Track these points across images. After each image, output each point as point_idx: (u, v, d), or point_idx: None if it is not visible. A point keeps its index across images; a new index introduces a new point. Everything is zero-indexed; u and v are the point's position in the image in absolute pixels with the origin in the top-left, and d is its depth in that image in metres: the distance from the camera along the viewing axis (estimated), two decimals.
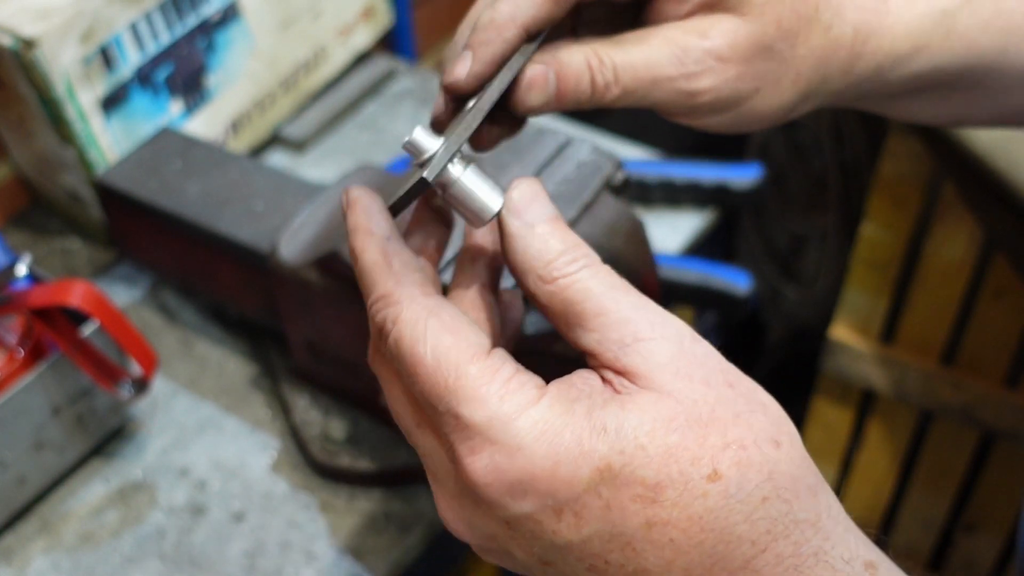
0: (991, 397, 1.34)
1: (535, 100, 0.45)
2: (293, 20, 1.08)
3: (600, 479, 0.35)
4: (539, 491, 0.36)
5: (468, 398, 0.37)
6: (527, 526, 0.37)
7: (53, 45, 0.87)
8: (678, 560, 0.35)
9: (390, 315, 0.40)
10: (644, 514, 0.35)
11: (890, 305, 1.39)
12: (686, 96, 0.46)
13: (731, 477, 0.35)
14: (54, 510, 0.81)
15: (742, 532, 0.35)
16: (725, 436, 0.36)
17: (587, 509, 0.35)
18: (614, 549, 0.36)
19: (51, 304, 0.74)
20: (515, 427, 0.36)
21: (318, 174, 1.07)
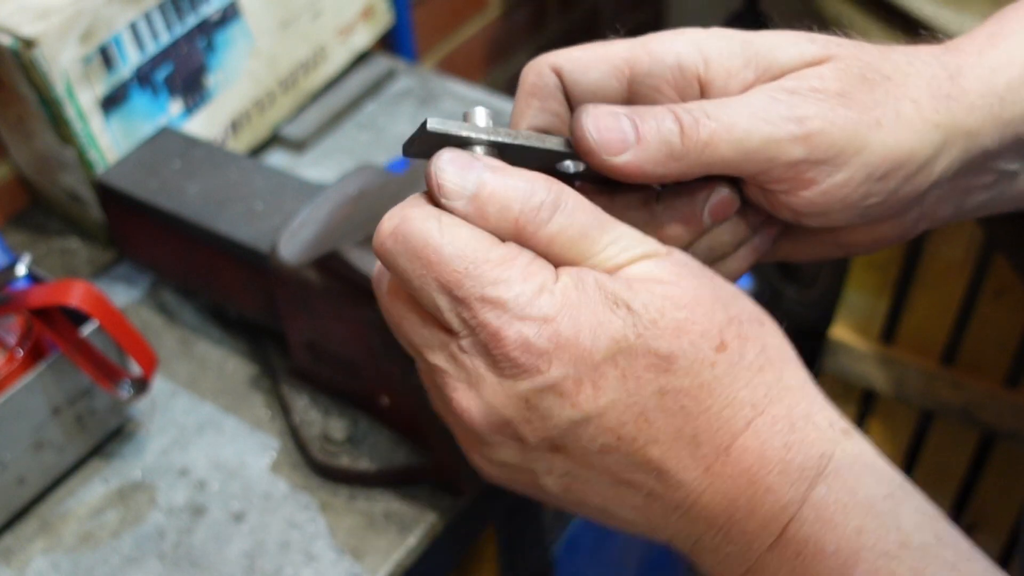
0: (991, 397, 1.34)
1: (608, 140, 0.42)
2: (293, 20, 1.08)
3: (617, 349, 0.38)
4: (563, 359, 0.38)
5: (493, 280, 0.38)
6: (547, 400, 0.38)
7: (53, 45, 0.87)
8: (687, 426, 0.38)
9: (395, 219, 0.40)
10: (657, 382, 0.38)
11: (890, 305, 1.39)
12: (795, 123, 0.42)
13: (734, 347, 0.39)
14: (53, 510, 0.80)
15: (744, 397, 0.38)
16: (727, 313, 0.39)
17: (605, 378, 0.38)
18: (628, 420, 0.38)
19: (51, 304, 0.74)
20: (540, 301, 0.38)
21: (318, 174, 1.07)
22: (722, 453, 0.38)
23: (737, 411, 0.38)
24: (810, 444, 0.39)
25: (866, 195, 0.44)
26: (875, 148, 0.43)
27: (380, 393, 0.79)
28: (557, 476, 0.40)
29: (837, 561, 0.37)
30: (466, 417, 0.40)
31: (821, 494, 0.38)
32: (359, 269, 0.71)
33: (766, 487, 0.38)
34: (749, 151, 0.42)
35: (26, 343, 0.77)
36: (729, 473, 0.38)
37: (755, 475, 0.38)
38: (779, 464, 0.38)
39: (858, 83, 0.43)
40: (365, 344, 0.76)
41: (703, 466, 0.38)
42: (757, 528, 0.38)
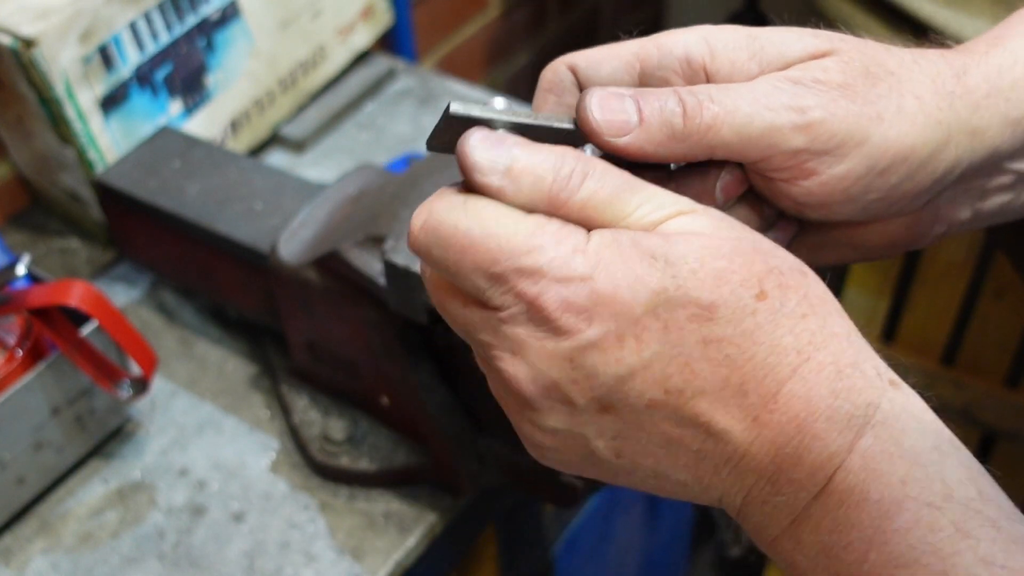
0: (991, 397, 1.34)
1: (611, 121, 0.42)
2: (292, 19, 1.08)
3: (657, 301, 0.38)
4: (603, 315, 0.38)
5: (525, 250, 0.39)
6: (591, 357, 0.39)
7: (52, 45, 0.87)
8: (733, 376, 0.38)
9: (423, 214, 0.41)
10: (700, 332, 0.38)
11: (890, 305, 1.39)
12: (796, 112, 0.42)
13: (775, 296, 0.39)
14: (53, 510, 0.80)
15: (788, 343, 0.38)
16: (767, 263, 0.39)
17: (647, 331, 0.38)
18: (673, 373, 0.38)
19: (50, 304, 0.74)
20: (575, 262, 0.39)
21: (318, 174, 1.07)
22: (769, 401, 0.38)
23: (782, 358, 0.38)
24: (857, 392, 0.39)
25: (867, 189, 0.45)
26: (876, 141, 0.44)
27: (380, 393, 0.79)
28: (608, 439, 0.40)
29: (880, 509, 0.37)
30: (515, 384, 0.40)
31: (868, 443, 0.38)
32: (359, 269, 0.70)
33: (813, 434, 0.38)
34: (751, 137, 0.43)
35: (26, 343, 0.77)
36: (777, 421, 0.38)
37: (802, 422, 0.38)
38: (826, 411, 0.38)
39: (861, 76, 0.44)
40: (365, 344, 0.76)
41: (751, 416, 0.38)
42: (804, 476, 0.38)
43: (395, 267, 0.66)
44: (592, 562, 1.32)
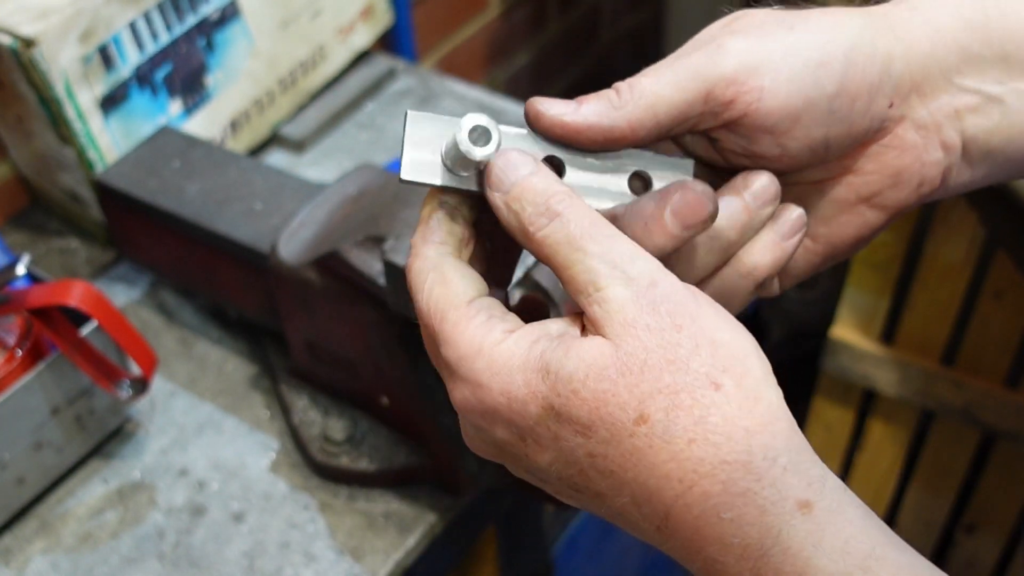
0: (992, 397, 1.33)
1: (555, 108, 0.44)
2: (292, 19, 1.08)
3: (546, 415, 0.40)
4: (503, 420, 0.41)
5: (446, 340, 0.42)
6: (508, 449, 0.42)
7: (52, 44, 0.87)
8: (624, 489, 0.39)
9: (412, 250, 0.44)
10: (585, 447, 0.39)
11: (891, 305, 1.39)
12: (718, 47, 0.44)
13: (658, 420, 0.38)
14: (53, 510, 0.80)
15: (669, 470, 0.38)
16: (658, 383, 0.38)
17: (542, 439, 0.40)
18: (574, 474, 0.40)
19: (50, 304, 0.74)
20: (476, 367, 0.41)
21: (317, 174, 1.07)
22: (662, 519, 0.39)
23: (663, 483, 0.38)
24: (748, 523, 0.37)
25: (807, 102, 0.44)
26: (791, 42, 0.44)
27: (380, 393, 0.79)
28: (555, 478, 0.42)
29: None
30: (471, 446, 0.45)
31: (777, 562, 0.37)
32: (359, 269, 0.70)
33: (711, 558, 0.38)
34: (684, 85, 0.43)
35: (26, 343, 0.77)
36: (678, 538, 0.39)
37: (698, 547, 0.38)
38: (718, 540, 0.37)
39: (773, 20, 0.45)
40: (365, 344, 0.76)
41: (654, 525, 0.39)
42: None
43: (395, 267, 0.66)
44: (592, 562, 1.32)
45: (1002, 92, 0.48)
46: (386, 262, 0.66)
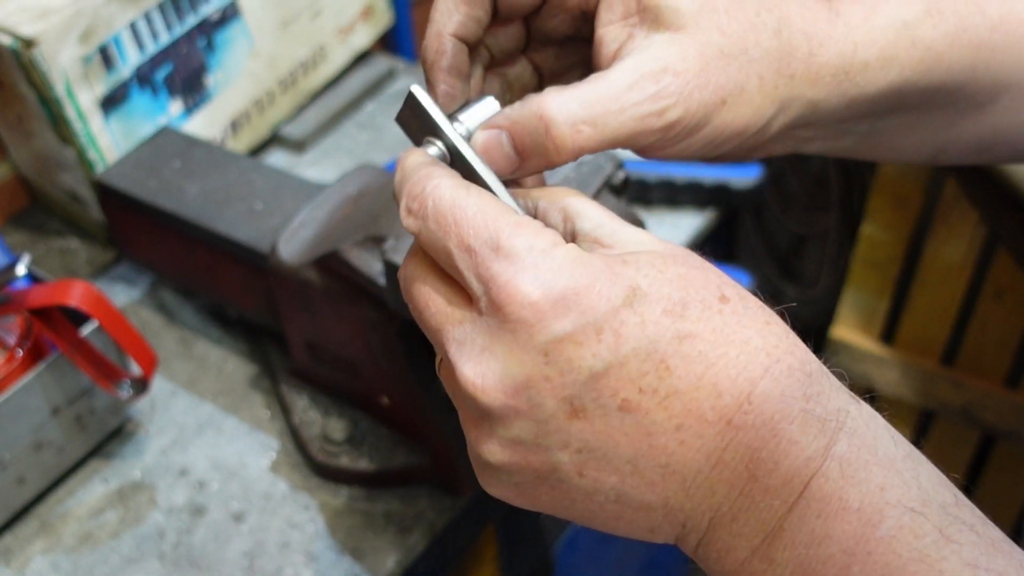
0: (991, 397, 1.34)
1: (499, 167, 0.45)
2: (292, 20, 1.08)
3: (633, 296, 0.38)
4: (581, 306, 0.38)
5: (509, 232, 0.39)
6: (566, 351, 0.38)
7: (52, 45, 0.87)
8: (707, 374, 0.38)
9: (429, 185, 0.42)
10: (675, 328, 0.38)
11: (891, 305, 1.39)
12: (656, 116, 0.45)
13: (736, 300, 0.40)
14: (53, 510, 0.80)
15: (758, 344, 0.39)
16: (719, 276, 0.41)
17: (624, 325, 0.38)
18: (649, 370, 0.38)
19: (50, 304, 0.74)
20: (555, 253, 0.39)
21: (317, 174, 1.07)
22: (743, 401, 0.38)
23: (753, 357, 0.38)
24: (827, 397, 0.38)
25: (702, 154, 0.48)
26: (716, 123, 0.46)
27: (380, 393, 0.79)
28: (573, 451, 0.39)
29: (862, 517, 0.36)
30: (480, 389, 0.39)
31: (843, 449, 0.37)
32: (359, 269, 0.70)
33: (789, 438, 0.37)
34: (617, 142, 0.45)
35: (26, 343, 0.77)
36: (751, 423, 0.37)
37: (776, 425, 0.37)
38: (800, 415, 0.37)
39: (715, 59, 0.46)
40: (365, 344, 0.76)
41: (725, 418, 0.38)
42: (780, 484, 0.37)
43: (395, 267, 0.66)
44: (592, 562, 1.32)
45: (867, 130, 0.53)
46: (386, 262, 0.66)
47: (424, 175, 0.42)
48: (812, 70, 0.48)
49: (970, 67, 0.52)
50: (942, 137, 0.55)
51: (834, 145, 0.54)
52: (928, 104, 0.52)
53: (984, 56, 0.52)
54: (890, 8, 0.50)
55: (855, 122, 0.52)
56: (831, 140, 0.53)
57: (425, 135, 0.46)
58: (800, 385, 0.38)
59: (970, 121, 0.55)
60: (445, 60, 0.47)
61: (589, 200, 0.44)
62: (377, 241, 0.69)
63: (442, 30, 0.47)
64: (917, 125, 0.54)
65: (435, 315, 0.42)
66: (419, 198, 0.42)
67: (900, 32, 0.50)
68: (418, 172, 0.43)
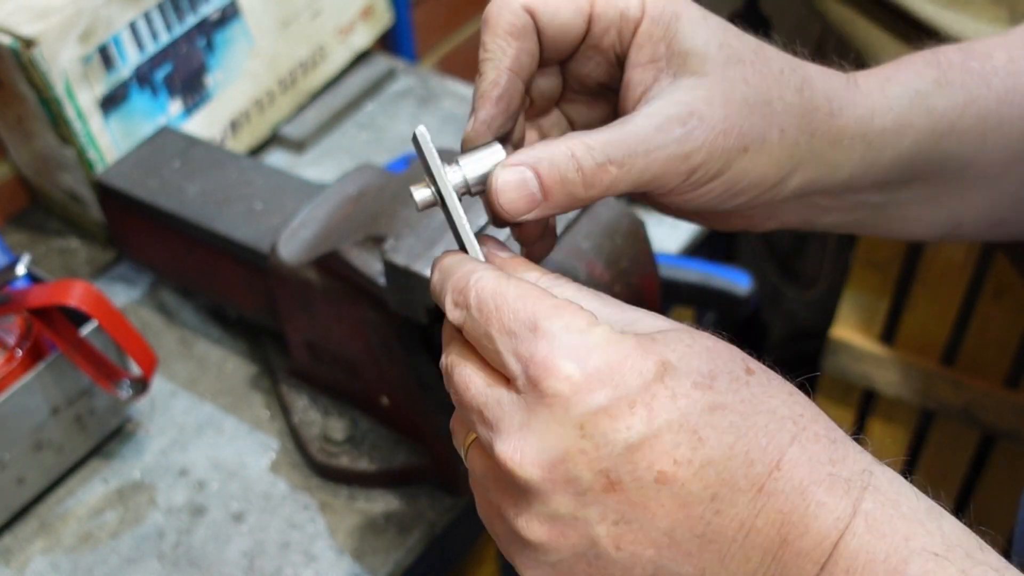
0: (991, 397, 1.33)
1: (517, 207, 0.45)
2: (292, 19, 1.08)
3: (664, 371, 0.39)
4: (614, 381, 0.39)
5: (547, 314, 0.41)
6: (601, 424, 0.39)
7: (52, 44, 0.87)
8: (738, 444, 0.39)
9: (472, 278, 0.43)
10: (705, 400, 0.39)
11: (891, 305, 1.39)
12: (681, 159, 0.46)
13: (760, 372, 0.41)
14: (53, 510, 0.80)
15: (784, 412, 0.40)
16: (740, 351, 0.42)
17: (656, 399, 0.39)
18: (682, 442, 0.39)
19: (50, 304, 0.74)
20: (589, 331, 0.40)
21: (317, 173, 1.07)
22: (774, 469, 0.39)
23: (781, 425, 0.40)
24: (852, 460, 0.40)
25: (720, 202, 0.49)
26: (735, 171, 0.48)
27: (380, 393, 0.79)
28: (610, 524, 0.40)
29: (888, 566, 0.38)
30: (518, 462, 0.40)
31: (869, 506, 0.39)
32: (359, 269, 0.70)
33: (818, 501, 0.39)
34: (642, 183, 0.46)
35: (26, 343, 0.77)
36: (782, 489, 0.39)
37: (806, 490, 0.39)
38: (827, 479, 0.39)
39: (739, 107, 0.47)
40: (365, 344, 0.76)
41: (756, 486, 0.39)
42: (811, 546, 0.38)
43: (395, 267, 0.66)
44: None
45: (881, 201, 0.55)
46: (386, 262, 0.66)
47: (468, 270, 0.44)
48: (832, 131, 0.50)
49: (980, 136, 0.54)
50: (956, 212, 0.57)
51: (848, 218, 0.55)
52: (941, 176, 0.54)
53: (993, 127, 0.54)
54: (904, 78, 0.52)
55: (870, 192, 0.54)
56: (846, 212, 0.55)
57: (425, 175, 0.47)
58: (826, 450, 0.40)
59: (982, 196, 0.56)
60: (497, 91, 0.47)
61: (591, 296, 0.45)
62: (377, 241, 0.69)
63: (500, 65, 0.47)
64: (931, 198, 0.56)
65: (475, 396, 0.43)
66: (463, 291, 0.43)
67: (914, 100, 0.52)
68: (461, 268, 0.44)
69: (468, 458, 0.45)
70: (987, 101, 0.53)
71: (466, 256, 0.46)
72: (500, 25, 0.47)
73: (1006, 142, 0.54)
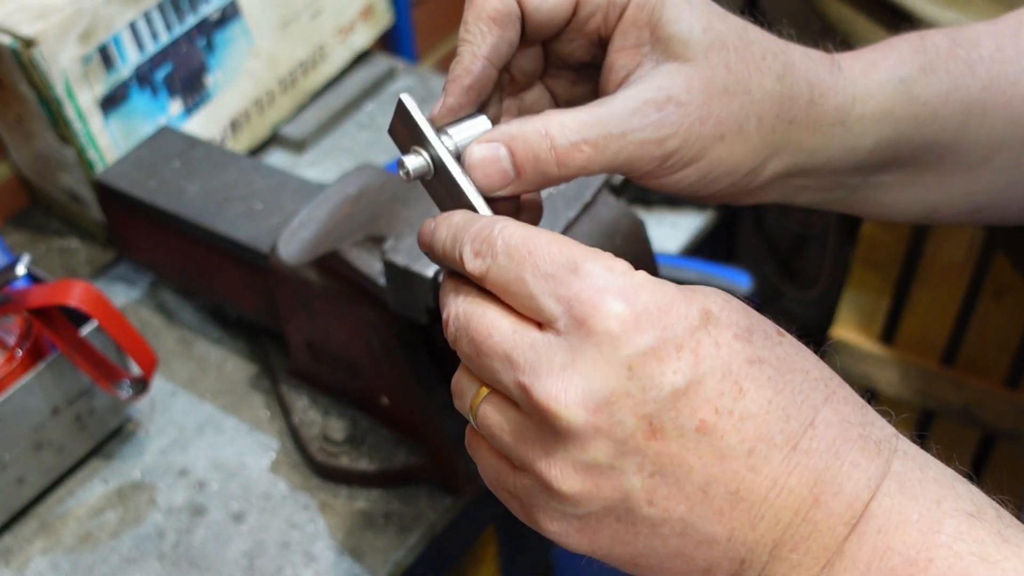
0: (991, 397, 1.33)
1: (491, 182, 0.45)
2: (292, 19, 1.08)
3: (707, 319, 0.40)
4: (662, 323, 0.39)
5: (586, 256, 0.40)
6: (650, 365, 0.38)
7: (52, 44, 0.87)
8: (776, 398, 0.39)
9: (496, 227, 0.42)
10: (745, 352, 0.39)
11: (891, 305, 1.39)
12: (656, 144, 0.46)
13: (790, 337, 0.42)
14: (53, 510, 0.80)
15: (816, 374, 0.40)
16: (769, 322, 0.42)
17: (702, 346, 0.39)
18: (725, 391, 0.39)
19: (50, 304, 0.74)
20: (632, 275, 0.40)
21: (317, 173, 1.07)
22: (808, 427, 0.39)
23: (816, 385, 0.40)
24: (880, 425, 0.41)
25: (697, 188, 0.50)
26: (712, 158, 0.48)
27: (380, 393, 0.79)
28: (646, 476, 0.39)
29: (921, 527, 0.38)
30: (563, 402, 0.39)
31: (899, 468, 0.39)
32: (359, 269, 0.70)
33: (852, 461, 0.39)
34: (615, 165, 0.47)
35: (26, 343, 0.77)
36: (816, 448, 0.39)
37: (839, 449, 0.39)
38: (859, 440, 0.39)
39: (719, 95, 0.47)
40: (365, 344, 0.76)
41: (791, 443, 0.39)
42: (843, 506, 0.38)
43: (395, 267, 0.66)
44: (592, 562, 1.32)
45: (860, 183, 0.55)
46: (386, 262, 0.66)
47: (489, 220, 0.43)
48: (811, 118, 0.50)
49: (962, 124, 0.54)
50: (933, 197, 0.57)
51: (825, 197, 0.56)
52: (921, 161, 0.55)
53: (976, 115, 0.54)
54: (888, 65, 0.52)
55: (848, 175, 0.54)
56: (823, 192, 0.55)
57: (413, 145, 0.46)
58: (857, 413, 0.40)
59: (962, 182, 0.57)
60: (469, 79, 0.47)
61: None
62: (377, 241, 0.69)
63: (476, 51, 0.47)
64: (909, 183, 0.56)
65: (500, 342, 0.41)
66: (487, 239, 0.42)
67: (898, 88, 0.52)
68: (479, 221, 0.43)
69: (480, 415, 0.43)
70: (971, 89, 0.53)
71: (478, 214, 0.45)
72: (485, 9, 0.47)
73: (988, 130, 0.54)
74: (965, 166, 0.55)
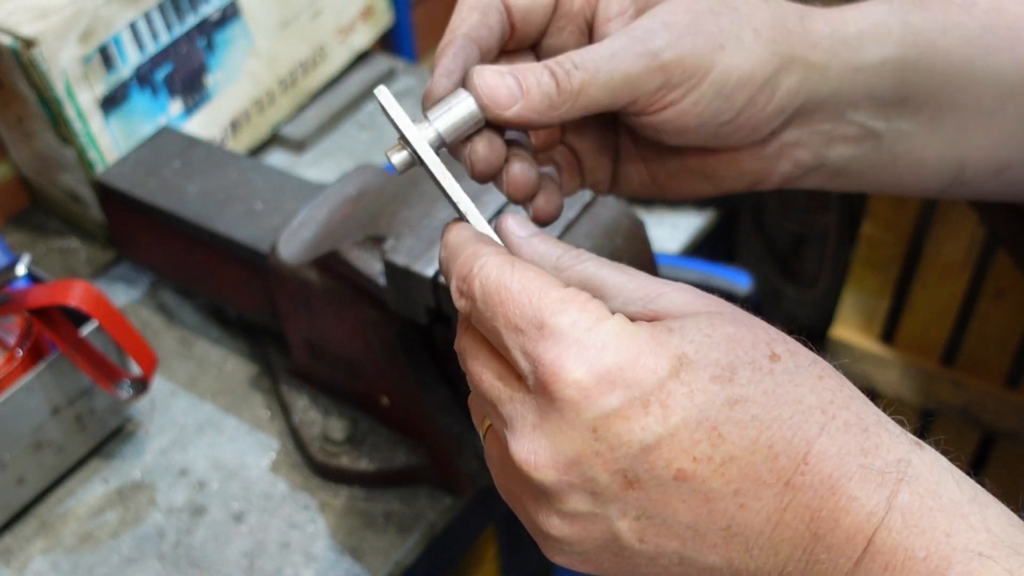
0: (991, 397, 1.33)
1: (499, 94, 0.45)
2: (292, 19, 1.08)
3: (680, 365, 0.38)
4: (626, 381, 0.38)
5: (553, 309, 0.39)
6: (614, 427, 0.38)
7: (52, 44, 0.87)
8: (761, 438, 0.37)
9: (476, 265, 0.42)
10: (724, 394, 0.38)
11: (890, 305, 1.39)
12: (650, 58, 0.46)
13: (787, 358, 0.39)
14: (53, 510, 0.80)
15: (811, 402, 0.38)
16: (768, 331, 0.40)
17: (671, 396, 0.38)
18: (701, 439, 0.37)
19: (50, 304, 0.74)
20: (598, 328, 0.39)
21: (317, 173, 1.07)
22: (800, 462, 0.37)
23: (807, 416, 0.38)
24: (886, 449, 0.39)
25: (716, 112, 0.48)
26: (720, 68, 0.47)
27: (380, 393, 0.79)
28: (632, 519, 0.39)
29: (929, 566, 0.36)
30: (532, 464, 0.39)
31: (905, 499, 0.37)
32: (359, 269, 0.70)
33: (849, 495, 0.37)
34: (615, 89, 0.46)
35: (26, 343, 0.77)
36: (810, 483, 0.37)
37: (836, 483, 0.37)
38: (859, 471, 0.37)
39: (706, 14, 0.47)
40: (365, 344, 0.76)
41: (782, 480, 0.38)
42: (843, 541, 0.37)
43: (395, 267, 0.66)
44: None
45: (884, 129, 0.54)
46: (386, 262, 0.66)
47: (470, 255, 0.43)
48: (806, 32, 0.49)
49: (967, 62, 0.53)
50: (958, 149, 0.55)
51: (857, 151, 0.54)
52: (935, 102, 0.53)
53: (980, 53, 0.53)
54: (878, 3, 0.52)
55: (868, 111, 0.52)
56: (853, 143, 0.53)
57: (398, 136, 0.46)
58: (857, 440, 0.38)
59: (983, 129, 0.55)
60: (452, 48, 0.47)
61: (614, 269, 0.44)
62: (377, 241, 0.69)
63: (456, 28, 0.48)
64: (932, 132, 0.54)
65: (488, 390, 0.42)
66: (467, 279, 0.42)
67: (888, 13, 0.51)
68: (464, 251, 0.43)
69: (486, 441, 0.45)
70: (969, 28, 0.53)
71: (470, 233, 0.45)
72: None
73: (997, 72, 0.53)
74: (982, 113, 0.54)
